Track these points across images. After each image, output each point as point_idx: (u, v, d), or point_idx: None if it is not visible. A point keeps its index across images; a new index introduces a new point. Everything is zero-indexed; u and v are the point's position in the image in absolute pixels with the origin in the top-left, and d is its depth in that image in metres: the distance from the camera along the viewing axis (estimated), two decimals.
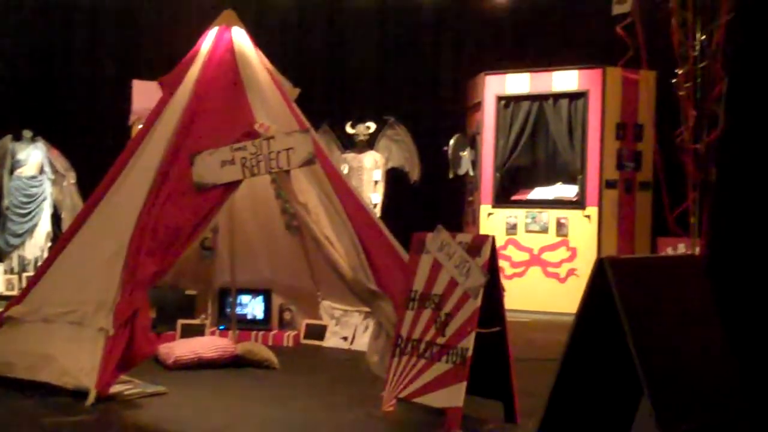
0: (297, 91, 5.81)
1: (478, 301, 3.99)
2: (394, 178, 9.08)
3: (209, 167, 4.89)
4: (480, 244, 4.11)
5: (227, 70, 5.42)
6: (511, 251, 8.40)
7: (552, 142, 8.60)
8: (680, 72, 5.24)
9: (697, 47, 5.10)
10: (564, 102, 8.33)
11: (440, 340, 4.11)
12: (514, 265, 8.36)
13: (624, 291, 2.80)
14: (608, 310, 2.80)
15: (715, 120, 5.03)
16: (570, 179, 8.38)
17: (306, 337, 6.38)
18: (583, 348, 3.03)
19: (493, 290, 4.12)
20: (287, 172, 4.91)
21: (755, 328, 3.89)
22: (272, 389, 4.85)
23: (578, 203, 8.19)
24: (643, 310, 2.83)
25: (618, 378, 3.07)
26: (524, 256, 8.36)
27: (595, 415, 3.20)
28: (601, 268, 2.89)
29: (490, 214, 8.55)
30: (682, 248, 6.80)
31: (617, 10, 5.59)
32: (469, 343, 3.97)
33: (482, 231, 8.40)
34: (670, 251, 7.16)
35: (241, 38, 5.58)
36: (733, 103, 4.51)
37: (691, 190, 5.33)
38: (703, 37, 5.05)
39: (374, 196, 8.87)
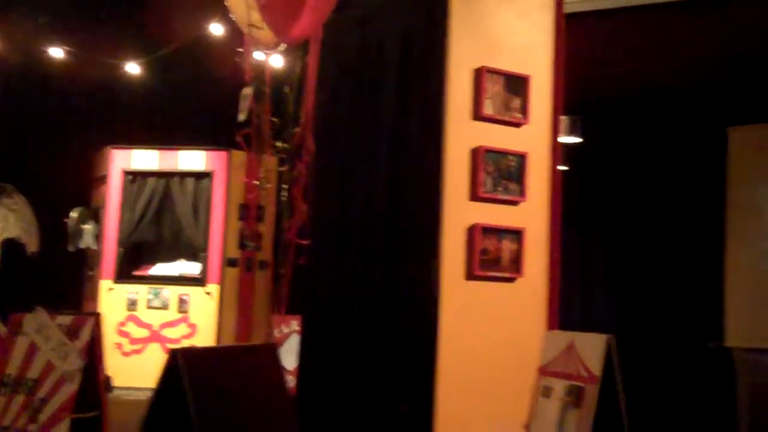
0: None
1: (75, 386, 3.91)
2: (9, 249, 8.59)
3: None
4: (80, 325, 4.04)
5: None
6: (131, 327, 8.26)
7: (177, 219, 8.67)
8: (262, 175, 5.82)
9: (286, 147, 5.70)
10: (190, 181, 8.46)
11: (32, 428, 3.95)
12: (133, 341, 8.23)
13: (196, 383, 2.89)
14: (181, 403, 2.87)
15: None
16: (193, 256, 8.48)
17: None
18: None
19: (93, 373, 4.06)
20: None
21: None
22: None
23: (200, 280, 8.30)
24: (215, 402, 2.93)
25: None
26: (144, 333, 8.26)
27: None
28: (173, 359, 2.97)
29: (110, 289, 8.35)
30: (294, 325, 7.19)
31: (240, 117, 6.08)
32: (63, 429, 3.86)
33: (102, 307, 8.18)
34: (283, 328, 7.52)
35: None
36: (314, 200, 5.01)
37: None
38: (284, 143, 5.66)
39: None
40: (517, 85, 4.59)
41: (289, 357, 6.05)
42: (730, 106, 7.59)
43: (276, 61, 7.28)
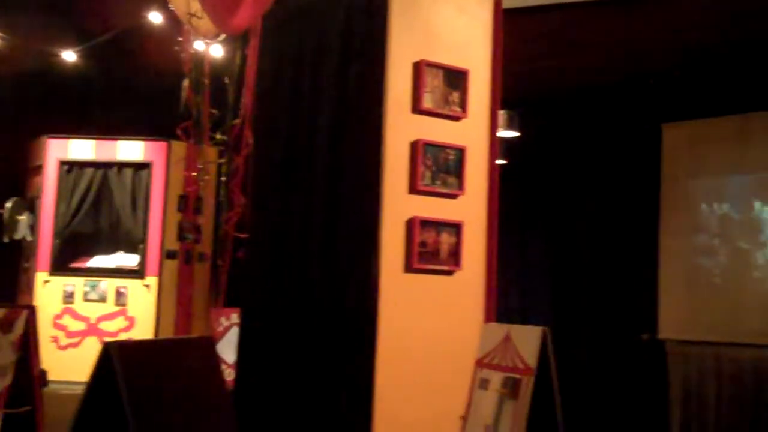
0: None
1: (8, 380, 3.84)
2: None
3: None
4: (13, 318, 3.96)
5: None
6: (67, 321, 8.14)
7: (115, 211, 8.55)
8: (200, 166, 5.79)
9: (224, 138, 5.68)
10: (129, 171, 8.36)
11: None
12: (69, 335, 8.11)
13: (130, 377, 2.85)
14: (114, 398, 2.84)
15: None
16: (131, 248, 8.38)
17: None
18: None
19: (27, 367, 3.99)
20: None
21: None
22: None
23: (138, 273, 8.21)
24: (150, 397, 2.89)
25: None
26: (81, 326, 8.14)
27: None
28: (106, 353, 2.93)
29: (46, 281, 8.22)
30: (234, 318, 7.15)
31: (180, 109, 6.06)
32: None
33: (38, 299, 8.05)
34: (223, 321, 7.48)
35: None
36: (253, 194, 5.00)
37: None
38: (224, 135, 5.64)
39: None
40: (456, 79, 4.62)
41: (230, 350, 6.02)
42: (664, 102, 7.76)
43: (216, 51, 7.22)
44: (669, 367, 7.53)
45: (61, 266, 8.29)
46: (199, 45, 6.96)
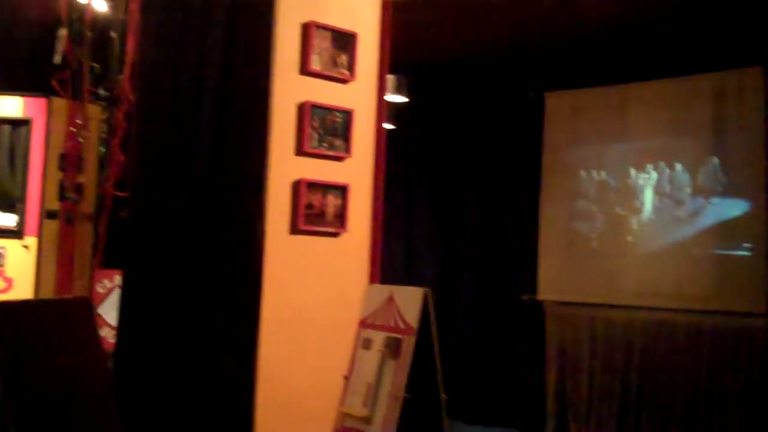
0: None
1: None
2: None
3: None
4: None
5: None
6: None
7: None
8: (79, 122, 5.66)
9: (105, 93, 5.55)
10: (6, 128, 8.03)
11: None
12: None
13: (2, 338, 2.78)
14: None
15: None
16: (9, 208, 8.09)
17: None
18: None
19: None
20: None
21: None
22: None
23: (17, 233, 7.93)
24: (20, 358, 2.82)
25: None
26: None
27: None
28: None
29: None
30: (117, 280, 7.02)
31: (56, 60, 5.85)
32: None
33: None
34: (106, 283, 7.35)
35: None
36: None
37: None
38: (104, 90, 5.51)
39: None
40: (344, 41, 4.64)
41: (113, 312, 5.92)
42: (548, 71, 7.95)
43: (100, 4, 6.98)
44: (546, 328, 7.81)
45: None
46: None
